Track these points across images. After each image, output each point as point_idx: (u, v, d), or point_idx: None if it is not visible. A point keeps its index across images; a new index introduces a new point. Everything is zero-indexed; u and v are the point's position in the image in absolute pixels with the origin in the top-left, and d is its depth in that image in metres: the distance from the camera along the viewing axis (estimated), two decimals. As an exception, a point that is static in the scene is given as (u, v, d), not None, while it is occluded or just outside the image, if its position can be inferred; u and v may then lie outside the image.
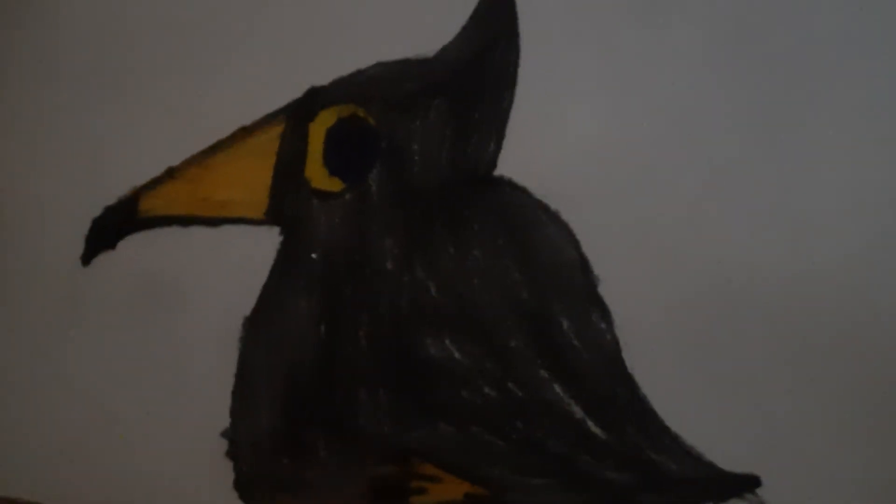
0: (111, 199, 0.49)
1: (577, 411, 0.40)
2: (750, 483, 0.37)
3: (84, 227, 0.49)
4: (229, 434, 0.44)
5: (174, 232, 0.48)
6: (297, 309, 0.45)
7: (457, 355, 0.43)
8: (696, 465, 0.38)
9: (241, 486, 0.43)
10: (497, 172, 0.44)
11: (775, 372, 0.38)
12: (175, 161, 0.49)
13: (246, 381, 0.45)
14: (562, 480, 0.40)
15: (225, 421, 0.44)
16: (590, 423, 0.40)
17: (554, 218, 0.43)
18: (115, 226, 0.48)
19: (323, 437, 0.44)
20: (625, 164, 0.42)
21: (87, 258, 0.48)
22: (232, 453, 0.44)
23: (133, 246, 0.48)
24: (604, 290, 0.41)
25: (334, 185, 0.46)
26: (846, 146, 0.39)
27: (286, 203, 0.47)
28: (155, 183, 0.49)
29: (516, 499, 0.41)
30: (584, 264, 0.42)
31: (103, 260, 0.48)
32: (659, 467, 0.38)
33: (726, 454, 0.38)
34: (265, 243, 0.47)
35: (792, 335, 0.38)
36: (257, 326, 0.46)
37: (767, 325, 0.39)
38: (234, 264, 0.47)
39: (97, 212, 0.49)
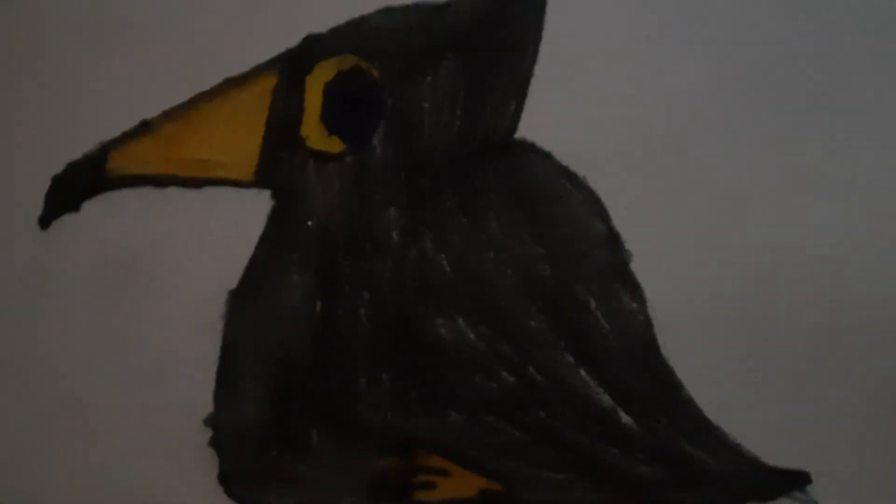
0: (76, 156, 0.43)
1: (605, 399, 0.36)
2: (800, 480, 0.34)
3: (45, 186, 0.43)
4: (213, 422, 0.39)
5: (149, 194, 0.43)
6: (290, 283, 0.41)
7: (470, 337, 0.38)
8: (737, 461, 0.35)
9: (226, 479, 0.39)
10: (518, 136, 0.40)
11: (828, 358, 0.35)
12: (151, 114, 0.43)
13: (231, 363, 0.40)
14: (586, 475, 0.36)
15: (208, 407, 0.39)
16: (619, 413, 0.36)
17: (580, 186, 0.39)
18: (79, 185, 0.43)
19: (317, 426, 0.39)
20: (663, 128, 0.38)
21: (45, 220, 0.43)
22: (216, 443, 0.39)
23: (102, 209, 0.43)
24: (636, 268, 0.37)
25: (334, 145, 0.42)
26: None
27: (279, 164, 0.42)
28: (127, 138, 0.43)
29: (535, 495, 0.37)
30: (613, 238, 0.38)
31: (68, 224, 0.43)
32: (695, 462, 0.35)
33: (773, 449, 0.34)
34: (254, 209, 0.42)
35: (847, 318, 0.35)
36: (244, 302, 0.41)
37: (819, 307, 0.35)
38: (218, 232, 0.42)
39: (59, 169, 0.43)
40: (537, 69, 0.40)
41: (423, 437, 0.38)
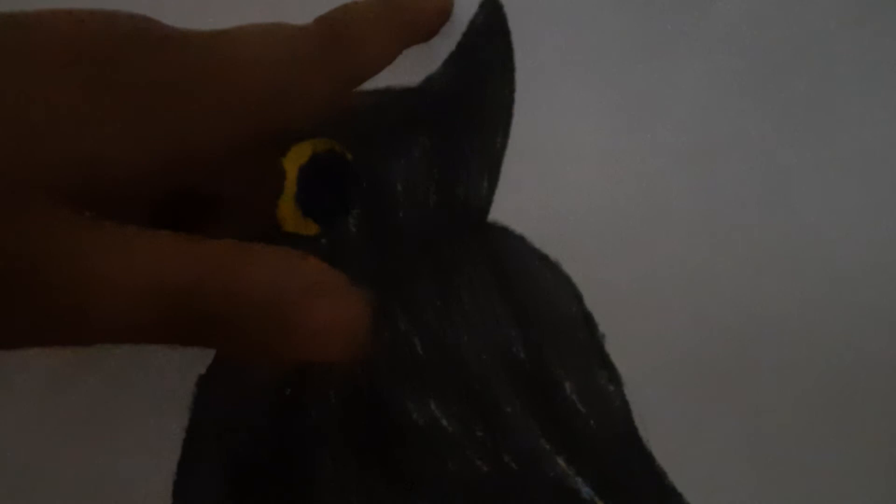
0: None
1: (585, 490, 0.35)
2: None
3: None
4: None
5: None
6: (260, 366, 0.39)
7: (443, 422, 0.37)
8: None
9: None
10: (491, 218, 0.40)
11: (823, 435, 0.33)
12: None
13: (194, 444, 0.38)
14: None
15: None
16: (599, 504, 0.34)
17: (554, 269, 0.38)
18: None
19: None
20: (634, 211, 0.38)
21: None
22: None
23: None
24: (610, 350, 0.37)
25: (309, 228, 0.41)
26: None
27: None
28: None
29: None
30: (588, 320, 0.37)
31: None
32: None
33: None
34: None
35: (841, 386, 0.33)
36: (212, 380, 0.39)
37: (805, 374, 0.34)
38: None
39: None
40: (508, 152, 0.40)
41: (393, 530, 0.36)
